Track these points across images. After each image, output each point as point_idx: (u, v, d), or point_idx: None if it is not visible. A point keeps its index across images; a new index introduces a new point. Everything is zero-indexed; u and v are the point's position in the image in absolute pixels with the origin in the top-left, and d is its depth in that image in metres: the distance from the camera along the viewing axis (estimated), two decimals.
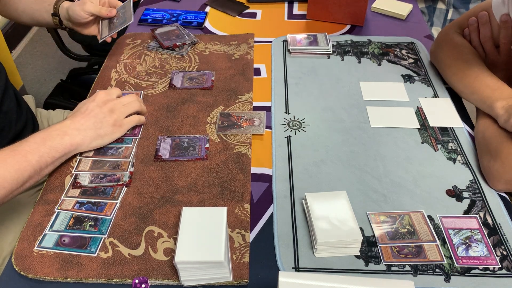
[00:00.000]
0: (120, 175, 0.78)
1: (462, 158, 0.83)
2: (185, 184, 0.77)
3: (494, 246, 0.68)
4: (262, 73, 1.04)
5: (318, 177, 0.79)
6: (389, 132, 0.88)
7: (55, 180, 0.78)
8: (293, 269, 0.66)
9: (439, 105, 0.94)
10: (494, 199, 0.75)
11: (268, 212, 0.74)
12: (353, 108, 0.94)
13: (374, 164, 0.82)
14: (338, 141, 0.86)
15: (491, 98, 0.82)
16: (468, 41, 0.96)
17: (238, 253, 0.67)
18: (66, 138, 0.75)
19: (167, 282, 0.64)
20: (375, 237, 0.69)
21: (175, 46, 1.09)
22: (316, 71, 1.05)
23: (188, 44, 1.11)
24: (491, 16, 0.90)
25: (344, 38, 1.16)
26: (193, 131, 0.88)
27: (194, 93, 0.98)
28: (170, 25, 1.17)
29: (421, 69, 1.05)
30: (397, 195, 0.76)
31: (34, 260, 0.66)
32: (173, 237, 0.69)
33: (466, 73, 0.90)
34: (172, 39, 1.11)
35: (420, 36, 1.17)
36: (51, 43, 1.84)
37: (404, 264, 0.66)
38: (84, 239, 0.69)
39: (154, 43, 1.12)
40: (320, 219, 0.68)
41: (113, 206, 0.73)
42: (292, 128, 0.89)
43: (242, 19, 1.26)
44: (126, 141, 0.85)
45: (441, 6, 1.45)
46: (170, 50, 1.09)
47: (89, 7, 0.98)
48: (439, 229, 0.71)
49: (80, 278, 0.64)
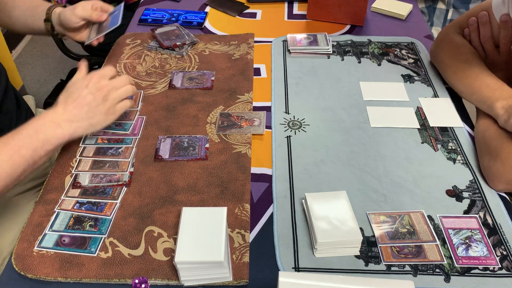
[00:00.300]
0: (120, 175, 0.78)
1: (462, 158, 0.83)
2: (185, 184, 0.77)
3: (494, 246, 0.68)
4: (262, 73, 1.04)
5: (318, 177, 0.79)
6: (389, 132, 0.88)
7: (55, 180, 0.78)
8: (293, 269, 0.66)
9: (439, 105, 0.94)
10: (494, 199, 0.75)
11: (268, 212, 0.74)
12: (353, 108, 0.94)
13: (374, 164, 0.82)
14: (338, 141, 0.86)
15: (491, 98, 0.82)
16: (468, 41, 0.96)
17: (238, 253, 0.67)
18: (59, 130, 0.74)
19: (167, 282, 0.64)
20: (375, 237, 0.69)
21: (175, 46, 1.09)
22: (316, 71, 1.05)
23: (188, 44, 1.11)
24: (491, 16, 0.90)
25: (344, 38, 1.16)
26: (193, 131, 0.88)
27: (194, 93, 0.98)
28: (170, 25, 1.17)
29: (421, 69, 1.05)
30: (397, 195, 0.76)
31: (34, 260, 0.66)
32: (173, 237, 0.69)
33: (466, 73, 0.90)
34: (172, 39, 1.11)
35: (420, 36, 1.17)
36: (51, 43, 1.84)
37: (404, 264, 0.66)
38: (84, 239, 0.69)
39: (154, 43, 1.12)
40: (320, 219, 0.68)
41: (113, 206, 0.73)
42: (292, 128, 0.89)
43: (242, 19, 1.26)
44: (126, 141, 0.85)
45: (441, 6, 1.45)
46: (170, 50, 1.09)
47: (79, 11, 0.97)
48: (439, 229, 0.71)
49: (80, 278, 0.64)
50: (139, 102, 0.94)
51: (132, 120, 0.89)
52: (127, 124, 0.88)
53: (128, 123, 0.88)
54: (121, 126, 0.88)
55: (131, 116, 0.90)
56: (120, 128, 0.87)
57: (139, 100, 0.95)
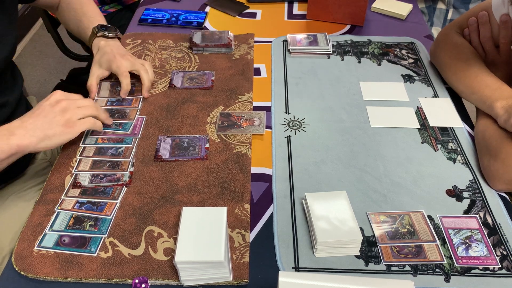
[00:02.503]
0: (120, 175, 0.78)
1: (462, 158, 0.83)
2: (185, 184, 0.77)
3: (494, 246, 0.68)
4: (262, 73, 1.05)
5: (318, 177, 0.79)
6: (389, 132, 0.88)
7: (55, 180, 0.78)
8: (293, 269, 0.66)
9: (439, 105, 0.94)
10: (494, 199, 0.75)
11: (268, 212, 0.74)
12: (353, 108, 0.94)
13: (374, 164, 0.82)
14: (338, 141, 0.86)
15: (491, 98, 0.82)
16: (468, 41, 0.96)
17: (238, 253, 0.67)
18: (13, 138, 0.71)
19: (167, 282, 0.64)
20: (375, 237, 0.69)
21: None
22: (316, 71, 1.05)
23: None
24: (491, 16, 0.90)
25: (344, 38, 1.16)
26: (193, 131, 0.88)
27: (194, 93, 0.98)
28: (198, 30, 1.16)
29: (421, 69, 1.05)
30: (397, 195, 0.76)
31: (34, 260, 0.66)
32: (173, 237, 0.69)
33: (466, 73, 0.90)
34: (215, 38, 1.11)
35: (420, 36, 1.17)
36: (51, 43, 1.84)
37: (404, 264, 0.66)
38: (84, 239, 0.69)
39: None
40: (320, 219, 0.68)
41: (113, 206, 0.73)
42: (292, 128, 0.89)
43: (242, 19, 1.26)
44: (126, 141, 0.85)
45: (441, 6, 1.45)
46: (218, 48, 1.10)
47: (127, 67, 0.94)
48: (439, 229, 0.71)
49: (80, 278, 0.64)
50: (139, 102, 0.94)
51: (132, 120, 0.89)
52: (127, 124, 0.88)
53: (128, 123, 0.88)
54: (121, 126, 0.88)
55: (131, 115, 0.90)
56: (120, 128, 0.87)
57: (140, 100, 0.95)
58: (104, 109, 0.87)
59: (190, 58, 1.08)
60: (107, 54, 0.95)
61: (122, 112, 0.91)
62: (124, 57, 0.95)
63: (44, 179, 0.79)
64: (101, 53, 0.96)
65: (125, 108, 0.92)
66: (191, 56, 1.09)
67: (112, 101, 0.94)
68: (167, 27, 1.21)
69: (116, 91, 0.96)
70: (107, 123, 0.86)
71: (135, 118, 0.90)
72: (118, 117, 0.90)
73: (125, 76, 0.94)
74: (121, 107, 0.93)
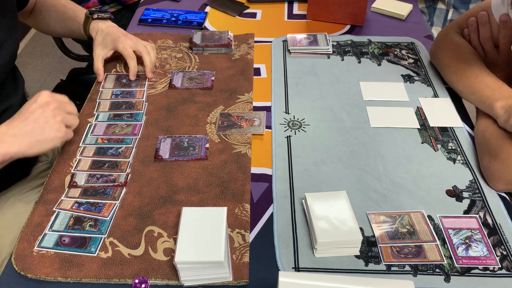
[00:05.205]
0: (116, 176, 0.78)
1: (462, 158, 0.83)
2: (185, 184, 0.77)
3: (494, 246, 0.68)
4: (262, 73, 1.05)
5: (318, 177, 0.79)
6: (389, 132, 0.88)
7: (55, 180, 0.78)
8: (293, 269, 0.66)
9: (439, 105, 0.94)
10: (494, 199, 0.75)
11: (268, 212, 0.74)
12: (353, 108, 0.94)
13: (374, 164, 0.82)
14: (338, 141, 0.86)
15: (491, 98, 0.82)
16: (468, 41, 0.96)
17: (238, 253, 0.67)
18: (2, 146, 0.69)
19: (167, 282, 0.64)
20: (375, 237, 0.69)
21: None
22: (316, 71, 1.05)
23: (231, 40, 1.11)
24: (490, 16, 0.90)
25: (344, 38, 1.16)
26: (193, 131, 0.88)
27: (194, 93, 0.98)
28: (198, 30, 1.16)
29: (421, 69, 1.05)
30: (397, 195, 0.76)
31: (34, 260, 0.66)
32: (173, 237, 0.69)
33: (466, 73, 0.90)
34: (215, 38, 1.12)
35: (420, 36, 1.17)
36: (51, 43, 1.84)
37: (404, 264, 0.66)
38: (84, 239, 0.69)
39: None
40: (320, 219, 0.68)
41: (112, 207, 0.73)
42: (292, 128, 0.89)
43: (242, 19, 1.26)
44: (126, 141, 0.85)
45: (441, 6, 1.45)
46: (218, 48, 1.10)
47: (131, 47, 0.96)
48: (439, 229, 0.71)
49: (80, 278, 0.64)
50: (144, 94, 0.96)
51: (141, 110, 0.91)
52: (138, 114, 0.90)
53: (139, 113, 0.91)
54: (133, 117, 0.90)
55: (139, 106, 0.92)
56: (132, 120, 0.89)
57: (144, 92, 0.96)
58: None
59: (190, 58, 1.08)
60: (111, 34, 0.98)
61: (129, 104, 0.93)
62: (127, 36, 0.99)
63: (44, 179, 0.79)
64: (103, 34, 0.98)
65: (131, 100, 0.94)
66: (191, 56, 1.09)
67: (117, 94, 0.96)
68: (167, 27, 1.21)
69: (121, 83, 0.99)
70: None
71: (143, 107, 0.92)
72: (126, 108, 0.92)
73: (132, 57, 0.97)
74: (127, 99, 0.94)
